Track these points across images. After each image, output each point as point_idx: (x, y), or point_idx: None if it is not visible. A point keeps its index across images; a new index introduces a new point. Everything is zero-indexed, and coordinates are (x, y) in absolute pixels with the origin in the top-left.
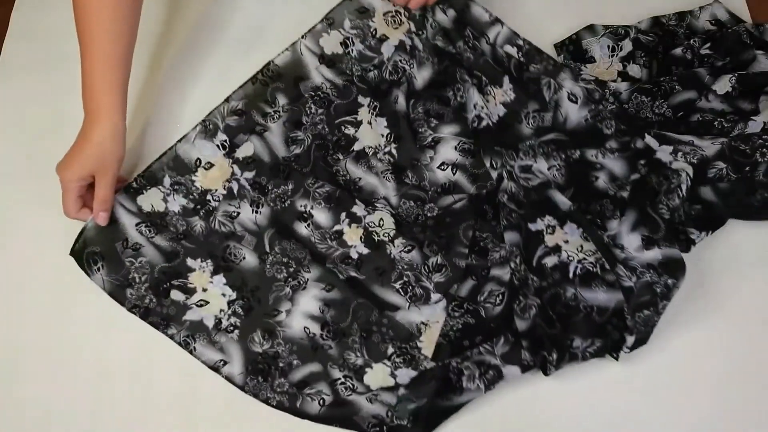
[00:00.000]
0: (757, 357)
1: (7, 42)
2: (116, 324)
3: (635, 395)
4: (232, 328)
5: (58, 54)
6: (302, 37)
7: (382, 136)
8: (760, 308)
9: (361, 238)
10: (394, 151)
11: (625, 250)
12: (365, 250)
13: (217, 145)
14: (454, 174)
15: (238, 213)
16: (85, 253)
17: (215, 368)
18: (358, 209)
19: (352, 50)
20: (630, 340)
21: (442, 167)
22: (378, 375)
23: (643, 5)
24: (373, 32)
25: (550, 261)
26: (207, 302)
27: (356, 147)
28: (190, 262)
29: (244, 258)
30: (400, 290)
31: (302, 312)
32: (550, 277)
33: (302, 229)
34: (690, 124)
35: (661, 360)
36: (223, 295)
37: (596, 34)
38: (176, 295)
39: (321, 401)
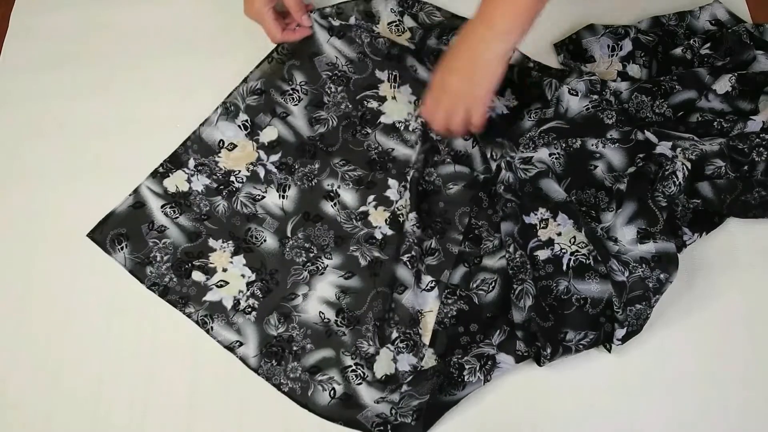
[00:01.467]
0: (748, 352)
1: (7, 42)
2: (123, 311)
3: (628, 387)
4: (249, 309)
5: (58, 54)
6: (311, 11)
7: (410, 102)
8: (753, 305)
9: (386, 220)
10: None
11: (618, 243)
12: (389, 231)
13: (239, 126)
14: (472, 147)
15: (263, 197)
16: (109, 234)
17: (230, 348)
18: (392, 192)
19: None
20: (620, 332)
21: (464, 137)
22: (383, 361)
23: (643, 5)
24: (376, 35)
25: (542, 254)
26: (227, 282)
27: (384, 120)
28: (211, 242)
29: (265, 240)
30: (408, 263)
31: (318, 297)
32: (543, 270)
33: (329, 208)
34: (689, 124)
35: (653, 352)
36: (243, 276)
37: (596, 34)
38: (197, 275)
39: (332, 392)
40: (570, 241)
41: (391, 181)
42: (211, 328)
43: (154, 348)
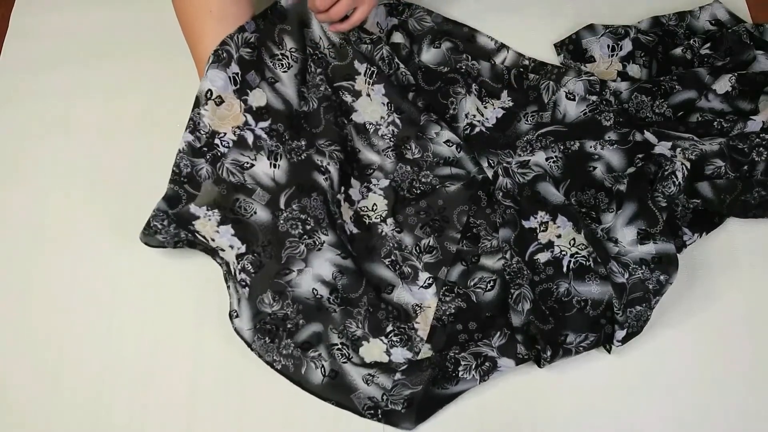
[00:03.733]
0: (749, 352)
1: (7, 42)
2: (123, 311)
3: (628, 387)
4: (243, 284)
5: (58, 54)
6: None
7: (383, 104)
8: (753, 305)
9: (351, 217)
10: (398, 121)
11: (618, 244)
12: (355, 230)
13: (229, 77)
14: (458, 153)
15: (251, 165)
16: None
17: (230, 316)
18: (354, 192)
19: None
20: (620, 334)
21: (448, 143)
22: (374, 350)
23: (643, 5)
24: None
25: (542, 257)
26: (223, 250)
27: (356, 118)
28: (193, 209)
29: (255, 212)
30: (390, 266)
31: (314, 274)
32: (543, 273)
33: (321, 180)
34: (689, 124)
35: (653, 353)
36: (231, 247)
37: (596, 34)
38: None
39: (323, 369)
40: (570, 243)
41: (354, 181)
42: (229, 286)
43: (154, 348)
